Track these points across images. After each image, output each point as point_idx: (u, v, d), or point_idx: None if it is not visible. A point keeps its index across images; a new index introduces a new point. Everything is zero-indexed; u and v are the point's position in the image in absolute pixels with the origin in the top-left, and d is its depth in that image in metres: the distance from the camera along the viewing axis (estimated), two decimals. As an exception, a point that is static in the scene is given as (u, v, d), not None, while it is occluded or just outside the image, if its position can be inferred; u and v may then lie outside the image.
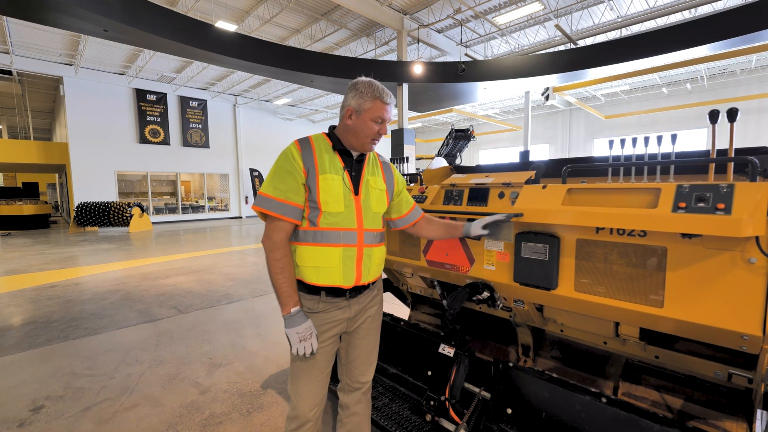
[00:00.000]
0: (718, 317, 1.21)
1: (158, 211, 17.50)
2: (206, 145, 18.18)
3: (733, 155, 1.48)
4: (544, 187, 1.56)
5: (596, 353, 2.01)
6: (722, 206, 1.11)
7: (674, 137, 1.53)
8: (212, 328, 3.81)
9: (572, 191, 1.48)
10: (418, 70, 10.71)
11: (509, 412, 1.69)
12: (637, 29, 10.76)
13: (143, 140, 16.20)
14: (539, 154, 21.30)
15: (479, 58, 13.69)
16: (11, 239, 11.71)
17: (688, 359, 1.60)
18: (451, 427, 1.77)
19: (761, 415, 1.46)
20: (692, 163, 1.71)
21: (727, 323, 1.19)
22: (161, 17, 7.93)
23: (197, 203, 19.11)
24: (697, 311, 1.24)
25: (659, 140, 1.69)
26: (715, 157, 1.52)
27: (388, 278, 2.77)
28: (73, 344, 3.46)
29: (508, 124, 20.85)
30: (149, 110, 16.30)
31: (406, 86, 11.22)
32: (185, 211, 18.32)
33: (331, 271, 1.37)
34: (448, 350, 1.99)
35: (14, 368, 3.00)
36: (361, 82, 1.37)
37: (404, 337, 2.30)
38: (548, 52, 10.96)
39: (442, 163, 2.72)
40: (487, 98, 16.43)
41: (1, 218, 14.52)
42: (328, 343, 1.43)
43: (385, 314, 2.44)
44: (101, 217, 13.32)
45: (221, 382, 2.73)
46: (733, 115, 1.42)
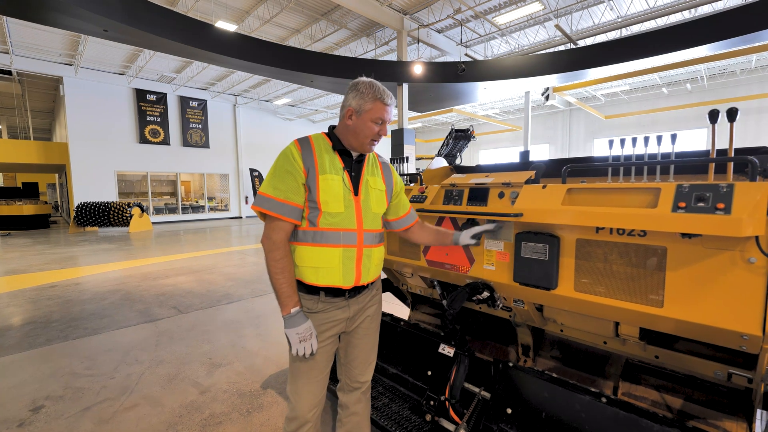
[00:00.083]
0: (717, 317, 1.21)
1: (158, 211, 17.50)
2: (206, 145, 18.18)
3: (732, 155, 1.48)
4: (544, 187, 1.56)
5: (596, 353, 2.01)
6: (722, 206, 1.11)
7: (674, 137, 1.53)
8: (212, 328, 3.81)
9: (572, 191, 1.49)
10: (418, 70, 10.71)
11: (509, 412, 1.69)
12: (637, 29, 10.77)
13: (143, 140, 16.20)
14: (539, 154, 21.30)
15: (479, 58, 13.69)
16: (11, 239, 11.71)
17: (688, 359, 1.60)
18: (451, 427, 1.77)
19: (761, 414, 1.47)
20: (692, 162, 1.71)
21: (726, 323, 1.19)
22: (161, 17, 7.93)
23: (197, 203, 19.11)
24: (696, 311, 1.24)
25: (659, 140, 1.69)
26: (714, 156, 1.52)
27: (388, 278, 2.77)
28: (72, 344, 3.46)
29: (508, 124, 20.86)
30: (149, 110, 16.30)
31: (406, 86, 11.22)
32: (185, 211, 18.32)
33: (330, 271, 1.37)
34: (448, 350, 1.99)
35: (14, 368, 3.00)
36: (362, 82, 1.37)
37: (404, 337, 2.30)
38: (548, 52, 10.97)
39: (442, 163, 2.72)
40: (487, 98, 16.43)
41: (1, 218, 14.52)
42: (327, 343, 1.43)
43: (385, 314, 2.44)
44: (101, 217, 13.32)
45: (221, 382, 2.73)
46: (732, 114, 1.42)
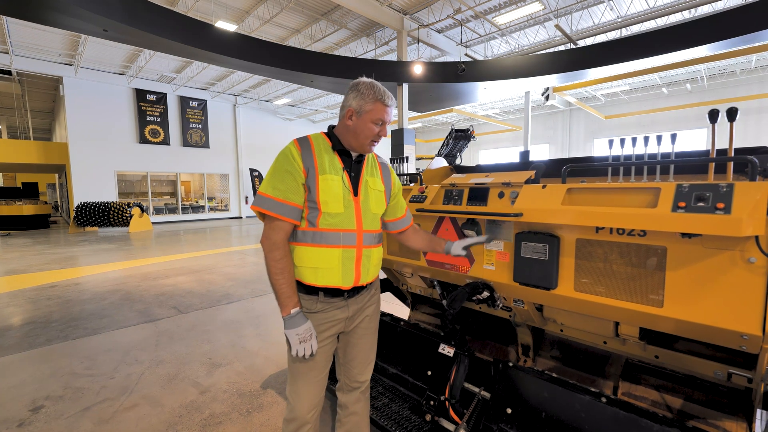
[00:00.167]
0: (717, 317, 1.21)
1: (158, 211, 17.50)
2: (206, 145, 18.18)
3: (732, 155, 1.48)
4: (543, 186, 1.56)
5: (596, 353, 2.01)
6: (722, 206, 1.11)
7: (674, 137, 1.53)
8: (212, 328, 3.81)
9: (572, 191, 1.48)
10: (418, 70, 10.71)
11: (509, 411, 1.69)
12: (637, 29, 10.77)
13: (143, 140, 16.20)
14: (539, 154, 21.30)
15: (479, 58, 13.70)
16: (11, 239, 11.71)
17: (687, 359, 1.60)
18: (450, 426, 1.77)
19: (761, 414, 1.47)
20: (692, 162, 1.71)
21: (726, 323, 1.19)
22: (161, 17, 7.93)
23: (197, 203, 19.10)
24: (696, 311, 1.24)
25: (659, 140, 1.69)
26: (714, 156, 1.52)
27: (387, 278, 2.76)
28: (72, 344, 3.45)
29: (508, 124, 20.86)
30: (149, 110, 16.30)
31: (406, 86, 11.22)
32: (185, 211, 18.32)
33: (329, 272, 1.36)
34: (447, 350, 1.99)
35: (14, 368, 2.99)
36: (362, 83, 1.36)
37: (404, 337, 2.30)
38: (548, 52, 10.97)
39: (442, 163, 2.72)
40: (487, 98, 16.43)
41: (1, 218, 14.52)
42: (326, 343, 1.43)
43: (385, 314, 2.44)
44: (101, 217, 13.32)
45: (221, 382, 2.73)
46: (732, 114, 1.42)
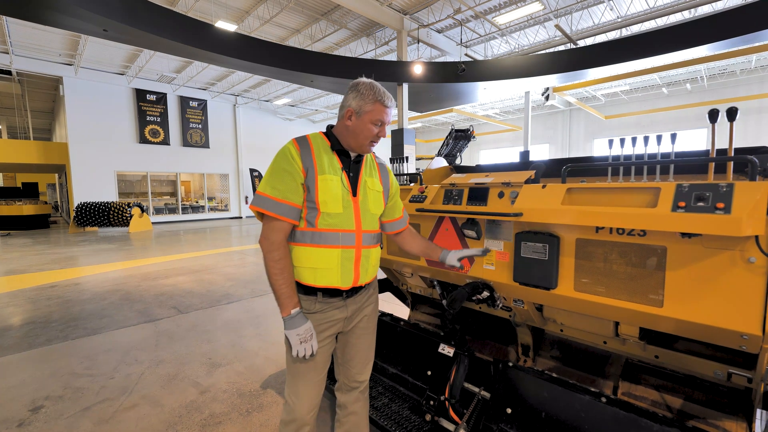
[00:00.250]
0: (717, 316, 1.21)
1: (158, 211, 17.50)
2: (206, 145, 18.18)
3: (732, 154, 1.48)
4: (543, 186, 1.55)
5: (596, 353, 2.01)
6: (722, 205, 1.11)
7: (674, 137, 1.53)
8: (212, 328, 3.81)
9: (572, 191, 1.48)
10: (418, 70, 10.71)
11: (509, 411, 1.68)
12: (637, 29, 10.77)
13: (143, 140, 16.20)
14: (539, 154, 21.30)
15: (479, 58, 13.70)
16: (11, 239, 11.71)
17: (687, 359, 1.60)
18: (450, 426, 1.77)
19: (761, 414, 1.47)
20: (692, 162, 1.71)
21: (726, 322, 1.19)
22: (161, 17, 7.93)
23: (197, 203, 19.10)
24: (696, 311, 1.24)
25: (659, 140, 1.69)
26: (714, 156, 1.52)
27: (387, 278, 2.76)
28: (72, 344, 3.45)
29: (508, 124, 20.86)
30: (149, 110, 16.30)
31: (406, 86, 11.22)
32: (185, 211, 18.32)
33: (328, 272, 1.36)
34: (447, 350, 1.99)
35: (13, 368, 2.99)
36: (362, 83, 1.35)
37: (404, 336, 2.30)
38: (548, 52, 10.97)
39: (442, 163, 2.72)
40: (487, 98, 16.43)
41: (0, 218, 14.52)
42: (325, 343, 1.43)
43: (384, 314, 2.44)
44: (101, 217, 13.32)
45: (221, 382, 2.72)
46: (732, 114, 1.42)
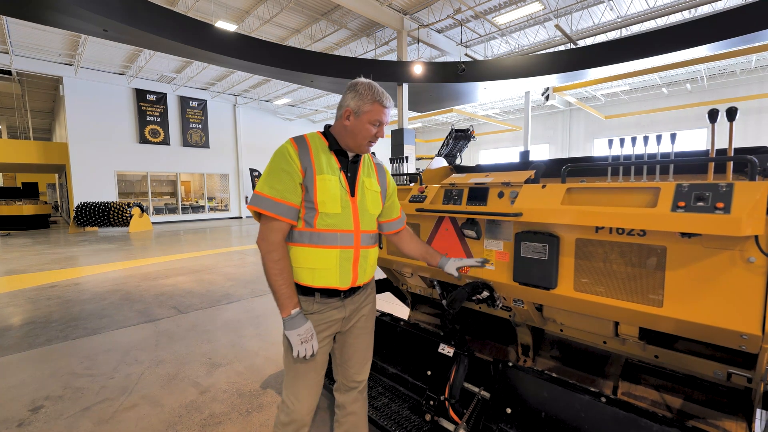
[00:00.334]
0: (717, 316, 1.21)
1: (158, 211, 17.50)
2: (206, 145, 18.18)
3: (732, 154, 1.48)
4: (543, 186, 1.55)
5: (596, 353, 2.01)
6: (721, 205, 1.11)
7: (674, 137, 1.53)
8: (212, 328, 3.81)
9: (572, 191, 1.48)
10: (418, 70, 10.71)
11: (509, 411, 1.68)
12: (637, 29, 10.77)
13: (143, 140, 16.20)
14: (539, 154, 21.30)
15: (479, 58, 13.70)
16: (11, 239, 11.71)
17: (687, 359, 1.60)
18: (450, 426, 1.77)
19: (761, 414, 1.46)
20: (691, 162, 1.71)
21: (726, 322, 1.19)
22: (161, 17, 7.93)
23: (197, 203, 19.10)
24: (696, 310, 1.24)
25: (659, 140, 1.69)
26: (714, 156, 1.52)
27: (387, 278, 2.76)
28: (72, 344, 3.45)
29: (508, 124, 20.86)
30: (149, 110, 16.30)
31: (406, 86, 11.22)
32: (185, 211, 18.31)
33: (327, 272, 1.36)
34: (447, 350, 1.99)
35: (13, 368, 2.99)
36: (361, 83, 1.35)
37: (404, 336, 2.30)
38: (548, 52, 10.97)
39: (441, 163, 2.72)
40: (487, 98, 16.43)
41: (1, 218, 14.51)
42: (323, 344, 1.42)
43: (384, 314, 2.44)
44: (101, 217, 13.32)
45: (221, 382, 2.72)
46: (732, 114, 1.42)
